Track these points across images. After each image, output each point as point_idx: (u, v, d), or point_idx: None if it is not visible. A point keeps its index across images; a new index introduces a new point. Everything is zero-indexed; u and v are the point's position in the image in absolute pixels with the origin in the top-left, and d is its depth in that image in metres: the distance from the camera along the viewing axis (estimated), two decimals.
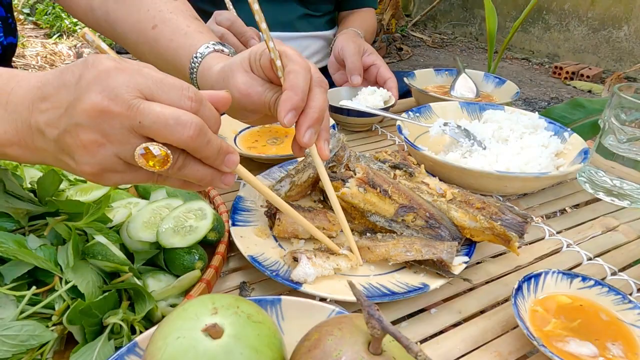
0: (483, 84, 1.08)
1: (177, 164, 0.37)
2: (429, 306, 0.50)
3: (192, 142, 0.36)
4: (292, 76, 0.47)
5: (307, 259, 0.48)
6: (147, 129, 0.34)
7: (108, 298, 0.40)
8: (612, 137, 0.69)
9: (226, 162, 0.40)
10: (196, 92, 0.37)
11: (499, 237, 0.53)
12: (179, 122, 0.35)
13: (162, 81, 0.36)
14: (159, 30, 0.63)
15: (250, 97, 0.51)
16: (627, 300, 0.46)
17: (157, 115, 0.34)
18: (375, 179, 0.56)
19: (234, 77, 0.51)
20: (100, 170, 0.36)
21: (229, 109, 0.55)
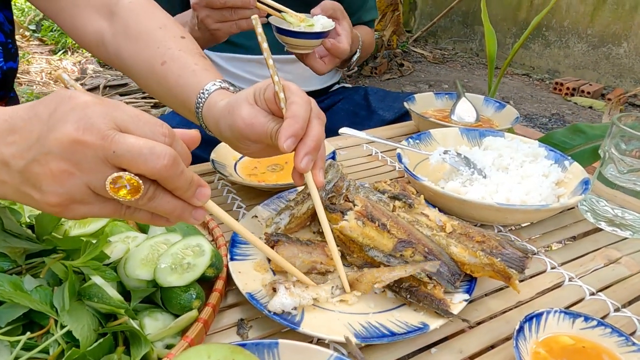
0: (483, 107, 1.08)
1: (148, 195, 0.37)
2: (429, 345, 0.50)
3: (165, 172, 0.36)
4: (293, 107, 0.51)
5: (284, 289, 0.48)
6: (120, 159, 0.35)
7: (103, 344, 0.39)
8: (613, 167, 0.69)
9: (197, 195, 0.40)
10: (169, 128, 0.38)
11: (499, 274, 0.53)
12: (154, 152, 0.35)
13: (137, 116, 0.37)
14: (167, 67, 0.65)
15: (254, 127, 0.54)
16: (631, 343, 0.45)
17: (131, 144, 0.35)
18: (374, 212, 0.56)
19: (239, 108, 0.55)
20: (67, 201, 0.36)
21: (233, 141, 0.58)
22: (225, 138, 0.60)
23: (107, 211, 0.38)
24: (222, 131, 0.59)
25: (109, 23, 0.71)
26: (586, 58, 3.88)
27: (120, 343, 0.43)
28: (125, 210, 0.39)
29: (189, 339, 0.44)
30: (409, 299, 0.51)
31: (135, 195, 0.36)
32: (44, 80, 3.31)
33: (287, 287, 0.49)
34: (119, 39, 0.70)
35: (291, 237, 0.56)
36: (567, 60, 4.02)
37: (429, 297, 0.50)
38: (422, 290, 0.51)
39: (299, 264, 0.54)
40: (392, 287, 0.52)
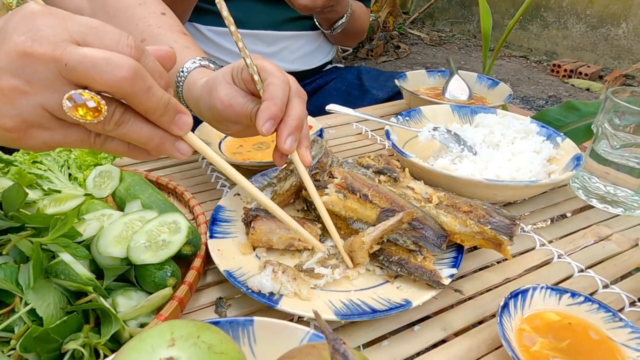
0: (476, 85, 1.06)
1: (114, 118, 0.33)
2: (412, 323, 0.48)
3: (128, 86, 0.32)
4: (270, 88, 0.49)
5: (271, 272, 0.46)
6: (74, 72, 0.31)
7: (69, 321, 0.38)
8: (605, 142, 0.67)
9: (176, 122, 0.36)
10: (136, 41, 0.34)
11: (490, 241, 0.52)
12: (110, 62, 0.31)
13: (97, 28, 0.32)
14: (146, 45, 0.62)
15: (233, 108, 0.51)
16: (618, 319, 0.44)
17: (84, 55, 0.30)
18: (354, 183, 0.54)
19: (217, 89, 0.52)
20: (22, 125, 0.32)
21: (213, 121, 0.57)
22: (206, 118, 0.58)
23: (73, 138, 0.34)
24: (202, 112, 0.57)
25: (87, 0, 0.68)
26: (584, 39, 3.84)
27: (91, 321, 0.42)
28: (94, 138, 0.35)
29: (162, 317, 0.43)
30: (399, 272, 0.50)
31: (98, 116, 0.32)
32: None
33: (275, 271, 0.47)
34: (98, 16, 0.67)
35: (270, 213, 0.54)
36: (565, 42, 3.96)
37: (420, 269, 0.49)
38: (412, 263, 0.50)
39: (276, 240, 0.52)
40: (382, 261, 0.51)
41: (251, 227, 0.52)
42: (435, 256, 0.52)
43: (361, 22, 1.20)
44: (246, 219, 0.54)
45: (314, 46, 1.20)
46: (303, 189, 0.61)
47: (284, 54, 1.15)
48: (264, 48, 1.13)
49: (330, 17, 1.08)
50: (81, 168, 0.64)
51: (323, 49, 1.24)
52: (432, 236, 0.51)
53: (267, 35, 1.11)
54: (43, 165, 0.62)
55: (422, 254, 0.51)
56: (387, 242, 0.52)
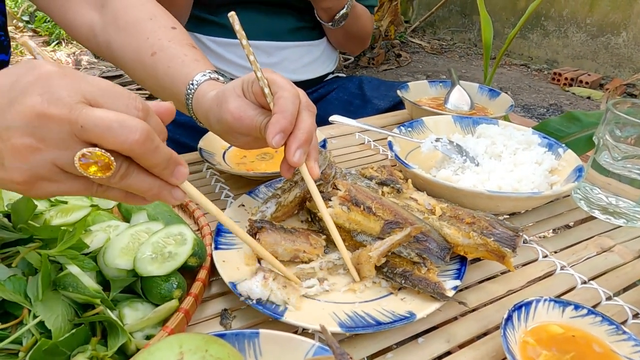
0: (477, 95, 1.06)
1: (120, 172, 0.35)
2: (416, 335, 0.49)
3: (138, 148, 0.34)
4: (281, 101, 0.50)
5: (262, 278, 0.47)
6: (89, 133, 0.32)
7: (77, 334, 0.38)
8: (607, 154, 0.68)
9: (175, 174, 0.38)
10: (143, 102, 0.36)
11: (493, 253, 0.52)
12: (124, 125, 0.33)
13: (107, 89, 0.35)
14: (157, 58, 0.64)
15: (242, 121, 0.53)
16: (622, 331, 0.44)
17: (100, 118, 0.32)
18: (357, 195, 0.54)
19: (227, 102, 0.53)
20: (32, 178, 0.34)
21: (222, 133, 0.58)
22: (215, 130, 0.59)
23: (77, 189, 0.36)
24: (211, 123, 0.58)
25: (99, 14, 0.70)
26: (585, 48, 3.86)
27: (98, 334, 0.42)
28: (97, 188, 0.37)
29: (168, 329, 0.43)
30: (403, 284, 0.50)
31: (107, 172, 0.34)
32: None
33: (266, 278, 0.48)
34: (109, 30, 0.69)
35: (275, 225, 0.55)
36: (566, 50, 3.99)
37: (424, 281, 0.49)
38: (417, 275, 0.50)
39: (281, 251, 0.53)
40: (386, 273, 0.52)
41: (256, 239, 0.53)
42: (439, 268, 0.52)
43: (364, 22, 1.19)
44: (251, 231, 0.54)
45: (315, 56, 1.20)
46: (307, 200, 0.62)
47: (285, 64, 1.16)
48: (265, 58, 1.13)
49: (330, 5, 1.06)
50: None
51: (325, 60, 1.24)
52: (436, 248, 0.52)
53: (268, 45, 1.12)
54: None
55: (426, 265, 0.51)
56: (392, 254, 0.52)
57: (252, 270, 0.54)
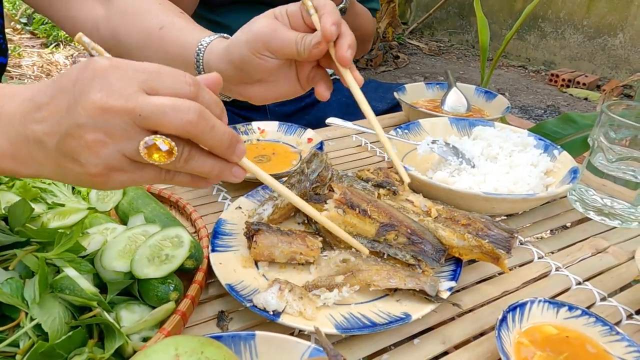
0: (474, 97, 1.07)
1: (184, 156, 0.36)
2: (412, 336, 0.49)
3: (193, 128, 0.35)
4: (328, 7, 0.52)
5: (278, 290, 0.47)
6: (147, 120, 0.34)
7: (73, 336, 0.38)
8: (602, 155, 0.68)
9: (236, 152, 0.39)
10: (192, 77, 0.37)
11: (488, 255, 0.53)
12: (176, 108, 0.34)
13: (157, 72, 0.36)
14: (166, 30, 0.64)
15: (278, 32, 0.52)
16: (615, 332, 0.45)
17: (154, 104, 0.34)
18: (353, 198, 0.55)
19: (257, 21, 0.53)
20: (106, 170, 0.36)
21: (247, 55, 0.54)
22: (231, 73, 0.57)
23: (147, 177, 0.38)
24: (232, 60, 0.56)
25: (104, 8, 0.70)
26: (582, 49, 3.87)
27: (95, 336, 0.42)
28: (165, 174, 0.38)
29: (165, 332, 0.43)
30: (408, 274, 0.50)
31: (170, 157, 0.35)
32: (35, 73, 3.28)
33: (282, 289, 0.48)
34: (116, 18, 0.68)
35: (271, 227, 0.55)
36: (563, 52, 4.00)
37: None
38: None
39: (278, 253, 0.53)
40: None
41: (253, 241, 0.53)
42: (434, 270, 0.53)
43: (363, 21, 1.19)
44: (248, 233, 0.55)
45: None
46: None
47: None
48: None
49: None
50: None
51: None
52: (431, 250, 0.52)
53: None
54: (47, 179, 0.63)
55: (421, 267, 0.51)
56: (387, 257, 0.53)
57: (249, 273, 0.54)
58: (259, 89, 0.58)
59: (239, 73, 0.57)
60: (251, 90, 0.58)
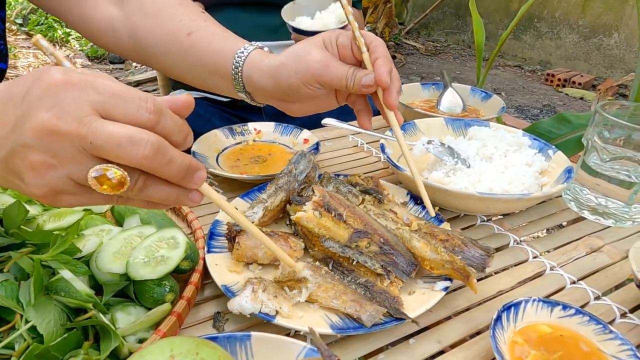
0: (470, 98, 1.07)
1: (137, 186, 0.35)
2: (407, 336, 0.49)
3: (148, 163, 0.33)
4: (380, 49, 0.55)
5: (250, 292, 0.46)
6: (99, 150, 0.32)
7: (69, 338, 0.38)
8: (596, 155, 0.68)
9: (194, 180, 0.37)
10: (155, 102, 0.35)
11: (458, 272, 0.51)
12: (133, 141, 0.32)
13: (116, 94, 0.33)
14: (195, 36, 0.64)
15: (330, 69, 0.54)
16: (608, 331, 0.45)
17: (109, 134, 0.32)
18: (331, 202, 0.54)
19: (310, 52, 0.55)
20: (50, 193, 0.34)
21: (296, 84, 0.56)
22: (275, 91, 0.58)
23: (97, 200, 0.36)
24: (281, 83, 0.57)
25: (118, 7, 0.70)
26: (577, 49, 3.89)
27: (90, 338, 0.42)
28: (117, 199, 0.37)
29: (161, 333, 0.43)
30: (363, 294, 0.50)
31: (121, 188, 0.33)
32: None
33: (255, 291, 0.47)
34: (135, 19, 0.68)
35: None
36: (559, 52, 4.02)
37: (383, 294, 0.49)
38: (378, 287, 0.50)
39: (261, 255, 0.53)
40: (349, 282, 0.51)
41: (236, 243, 0.53)
42: (403, 282, 0.52)
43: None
44: (230, 235, 0.54)
45: None
46: (288, 203, 0.62)
47: None
48: None
49: None
50: None
51: None
52: (403, 263, 0.51)
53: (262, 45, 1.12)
54: None
55: (389, 278, 0.51)
56: (357, 264, 0.52)
57: (244, 273, 0.54)
58: (300, 106, 0.60)
59: (283, 94, 0.59)
60: (291, 106, 0.60)
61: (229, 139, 0.86)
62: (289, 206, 0.62)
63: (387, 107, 0.57)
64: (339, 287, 0.49)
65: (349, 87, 0.55)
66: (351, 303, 0.47)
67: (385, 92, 0.55)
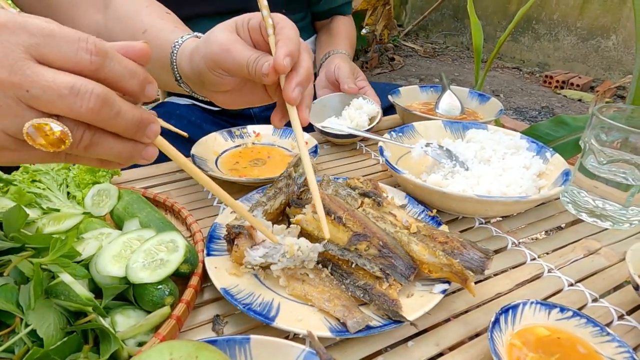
0: (468, 100, 1.08)
1: (83, 143, 0.31)
2: (406, 339, 0.49)
3: (94, 116, 0.30)
4: (286, 30, 0.48)
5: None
6: (36, 100, 0.29)
7: (69, 342, 0.39)
8: (593, 158, 0.69)
9: (147, 133, 0.34)
10: (98, 43, 0.31)
11: (457, 275, 0.51)
12: (74, 91, 0.29)
13: (52, 34, 0.29)
14: (148, 34, 0.64)
15: (230, 53, 0.49)
16: (606, 333, 0.45)
17: (47, 83, 0.28)
18: (330, 205, 0.54)
19: (215, 34, 0.50)
20: None
21: (205, 78, 0.53)
22: (197, 78, 0.55)
23: (39, 157, 0.32)
24: (194, 68, 0.54)
25: (103, 15, 0.71)
26: (575, 51, 3.90)
27: (90, 341, 0.43)
28: (64, 156, 0.33)
29: (160, 336, 0.43)
30: (362, 297, 0.50)
31: (61, 145, 0.29)
32: None
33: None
34: (112, 24, 0.69)
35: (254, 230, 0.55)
36: (557, 53, 4.03)
37: (382, 297, 0.49)
38: (377, 290, 0.50)
39: None
40: (347, 285, 0.52)
41: (234, 245, 0.53)
42: (402, 285, 0.52)
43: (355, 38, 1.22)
44: (229, 236, 0.54)
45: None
46: (287, 206, 0.62)
47: None
48: None
49: None
50: (79, 186, 0.65)
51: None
52: (401, 266, 0.51)
53: None
54: (42, 184, 0.63)
55: (388, 281, 0.51)
56: (356, 267, 0.52)
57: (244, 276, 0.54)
58: (225, 97, 0.56)
59: (200, 82, 0.55)
60: (216, 96, 0.57)
61: (228, 142, 0.87)
62: (289, 209, 0.62)
63: (286, 100, 0.48)
64: (334, 291, 0.49)
65: (251, 75, 0.48)
66: (341, 308, 0.47)
67: (285, 82, 0.48)
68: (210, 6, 1.00)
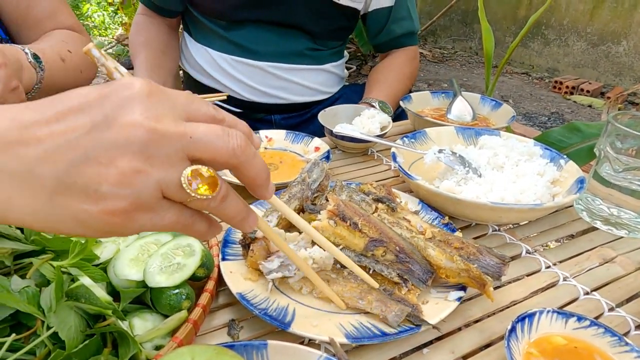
0: (480, 106, 1.08)
1: (222, 192, 0.32)
2: (421, 345, 0.49)
3: (242, 154, 0.32)
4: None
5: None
6: (197, 144, 0.30)
7: (89, 345, 0.39)
8: (608, 165, 0.68)
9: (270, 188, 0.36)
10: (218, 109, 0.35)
11: (475, 280, 0.51)
12: (226, 132, 0.32)
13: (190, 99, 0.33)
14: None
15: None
16: (624, 343, 0.45)
17: (204, 129, 0.31)
18: (346, 211, 0.54)
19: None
20: (132, 206, 0.29)
21: None
22: None
23: (169, 219, 0.32)
24: None
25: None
26: (585, 56, 3.88)
27: (108, 344, 0.43)
28: (186, 218, 0.33)
29: (178, 340, 0.44)
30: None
31: (214, 189, 0.31)
32: None
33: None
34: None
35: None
36: (567, 59, 4.01)
37: (402, 302, 0.49)
38: (396, 295, 0.50)
39: None
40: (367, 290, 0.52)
41: (250, 250, 0.53)
42: (420, 290, 0.52)
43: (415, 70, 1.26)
44: (244, 242, 0.55)
45: (322, 79, 1.21)
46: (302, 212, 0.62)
47: (291, 87, 1.16)
48: (273, 81, 1.14)
49: None
50: None
51: (332, 83, 1.25)
52: (419, 271, 0.51)
53: (277, 67, 1.12)
54: None
55: (407, 286, 0.51)
56: (373, 273, 0.52)
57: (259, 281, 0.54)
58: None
59: None
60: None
61: None
62: (302, 214, 0.62)
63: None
64: (363, 286, 0.50)
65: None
66: (377, 303, 0.48)
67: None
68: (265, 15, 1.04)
